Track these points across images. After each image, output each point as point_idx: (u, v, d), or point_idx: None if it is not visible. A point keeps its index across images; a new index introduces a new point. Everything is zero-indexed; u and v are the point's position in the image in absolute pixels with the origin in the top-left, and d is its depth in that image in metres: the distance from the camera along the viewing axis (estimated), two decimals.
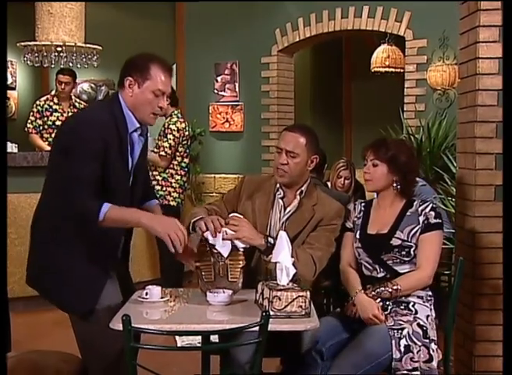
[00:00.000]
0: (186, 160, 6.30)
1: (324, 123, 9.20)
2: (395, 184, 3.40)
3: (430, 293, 3.38)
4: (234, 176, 7.95)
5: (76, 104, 7.21)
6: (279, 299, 2.85)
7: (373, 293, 3.29)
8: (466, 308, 3.72)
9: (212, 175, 8.17)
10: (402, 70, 7.37)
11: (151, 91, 3.10)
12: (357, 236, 3.45)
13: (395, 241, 3.35)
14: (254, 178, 3.68)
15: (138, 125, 3.15)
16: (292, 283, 2.95)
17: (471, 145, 3.69)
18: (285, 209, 3.47)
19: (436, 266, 3.35)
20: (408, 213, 3.39)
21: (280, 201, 3.48)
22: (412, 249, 3.33)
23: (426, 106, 6.68)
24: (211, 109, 8.14)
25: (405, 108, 6.83)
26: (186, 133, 6.23)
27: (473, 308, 3.68)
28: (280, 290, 2.88)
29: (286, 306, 2.84)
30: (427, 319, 3.28)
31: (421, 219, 3.35)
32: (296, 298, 2.85)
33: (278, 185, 3.49)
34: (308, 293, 2.87)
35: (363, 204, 3.53)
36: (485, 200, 3.64)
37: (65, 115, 7.04)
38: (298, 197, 3.46)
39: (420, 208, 3.38)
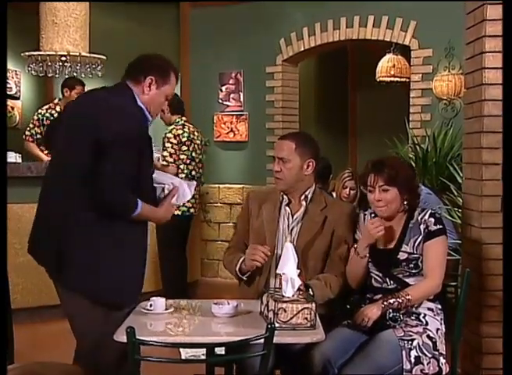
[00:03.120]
0: (190, 167, 6.22)
1: (329, 133, 9.16)
2: (405, 202, 3.36)
3: (440, 306, 3.35)
4: (239, 186, 7.92)
5: None
6: (285, 311, 2.83)
7: (384, 304, 3.24)
8: (473, 320, 3.69)
9: (217, 185, 8.14)
10: (407, 80, 7.34)
11: (165, 95, 3.23)
12: None
13: (402, 255, 3.32)
14: (258, 191, 3.78)
15: (151, 119, 3.23)
16: (297, 295, 2.92)
17: (478, 156, 3.67)
18: (292, 216, 3.50)
19: (444, 272, 3.31)
20: (410, 225, 3.36)
21: (287, 208, 3.52)
22: (419, 260, 3.30)
23: (432, 116, 6.66)
24: (216, 119, 8.12)
25: (411, 118, 6.81)
26: (184, 139, 6.11)
27: (480, 321, 3.65)
28: (285, 302, 2.86)
29: (291, 318, 2.83)
30: (436, 332, 3.25)
31: (422, 227, 3.33)
32: (302, 310, 2.83)
33: (282, 193, 3.53)
34: (314, 305, 2.86)
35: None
36: (491, 211, 3.61)
37: None
38: (304, 203, 3.48)
39: (419, 217, 3.35)
